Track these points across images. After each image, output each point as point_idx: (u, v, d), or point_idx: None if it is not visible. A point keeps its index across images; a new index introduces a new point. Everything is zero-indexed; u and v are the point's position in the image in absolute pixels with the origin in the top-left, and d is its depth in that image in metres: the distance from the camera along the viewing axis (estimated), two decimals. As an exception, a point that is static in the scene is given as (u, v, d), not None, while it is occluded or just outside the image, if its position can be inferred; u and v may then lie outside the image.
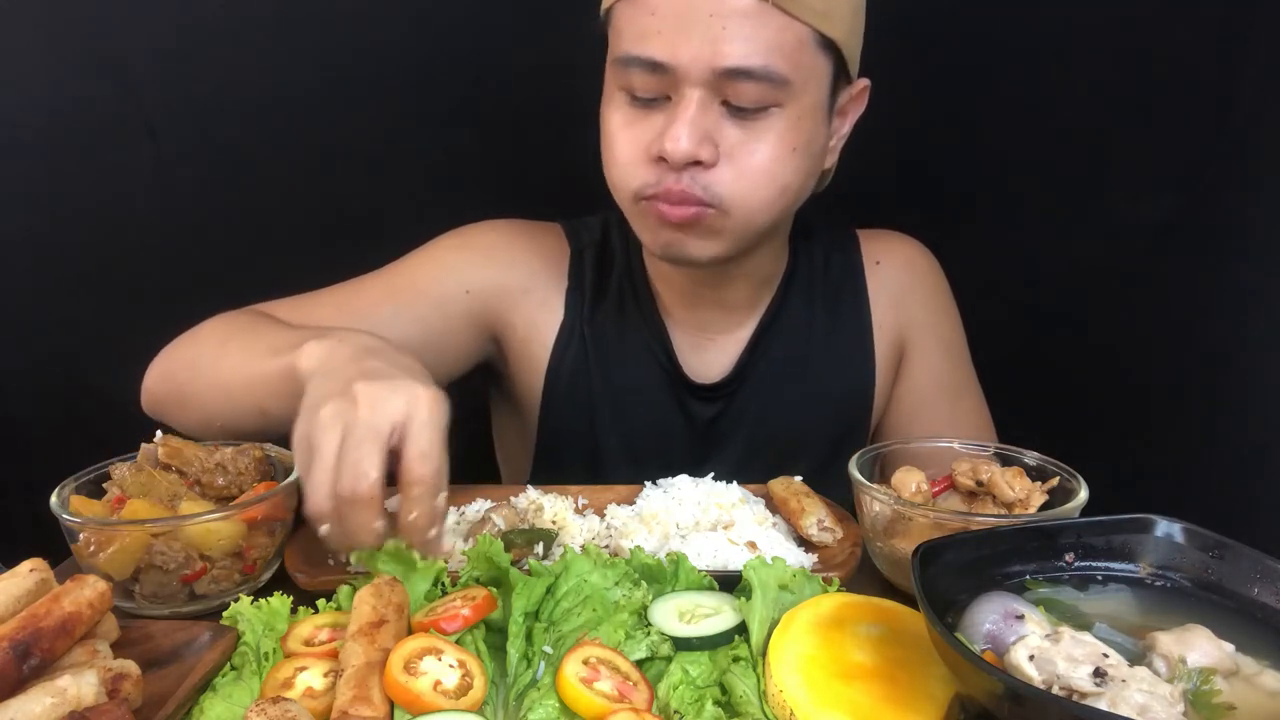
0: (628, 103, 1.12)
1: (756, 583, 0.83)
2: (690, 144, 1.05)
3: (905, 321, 1.40)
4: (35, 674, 0.69)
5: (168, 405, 1.18)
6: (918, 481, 0.99)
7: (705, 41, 1.03)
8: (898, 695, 0.71)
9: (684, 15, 1.03)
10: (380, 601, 0.78)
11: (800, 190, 1.16)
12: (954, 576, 0.71)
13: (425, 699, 0.69)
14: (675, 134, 1.05)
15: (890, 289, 1.39)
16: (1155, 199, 1.74)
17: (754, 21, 1.03)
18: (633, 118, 1.12)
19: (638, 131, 1.11)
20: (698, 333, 1.34)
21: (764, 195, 1.11)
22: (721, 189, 1.09)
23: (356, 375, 0.86)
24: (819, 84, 1.10)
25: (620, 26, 1.10)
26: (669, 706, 0.74)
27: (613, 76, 1.14)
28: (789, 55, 1.05)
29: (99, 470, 0.97)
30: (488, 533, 0.98)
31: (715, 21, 1.02)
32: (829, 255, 1.40)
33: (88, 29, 1.67)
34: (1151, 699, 0.59)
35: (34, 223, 1.75)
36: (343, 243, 1.53)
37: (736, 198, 1.09)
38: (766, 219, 1.14)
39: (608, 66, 1.15)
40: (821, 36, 1.07)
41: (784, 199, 1.14)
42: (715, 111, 1.07)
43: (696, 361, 1.34)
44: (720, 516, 1.03)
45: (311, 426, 0.83)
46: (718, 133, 1.07)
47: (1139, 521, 0.76)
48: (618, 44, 1.11)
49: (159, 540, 0.88)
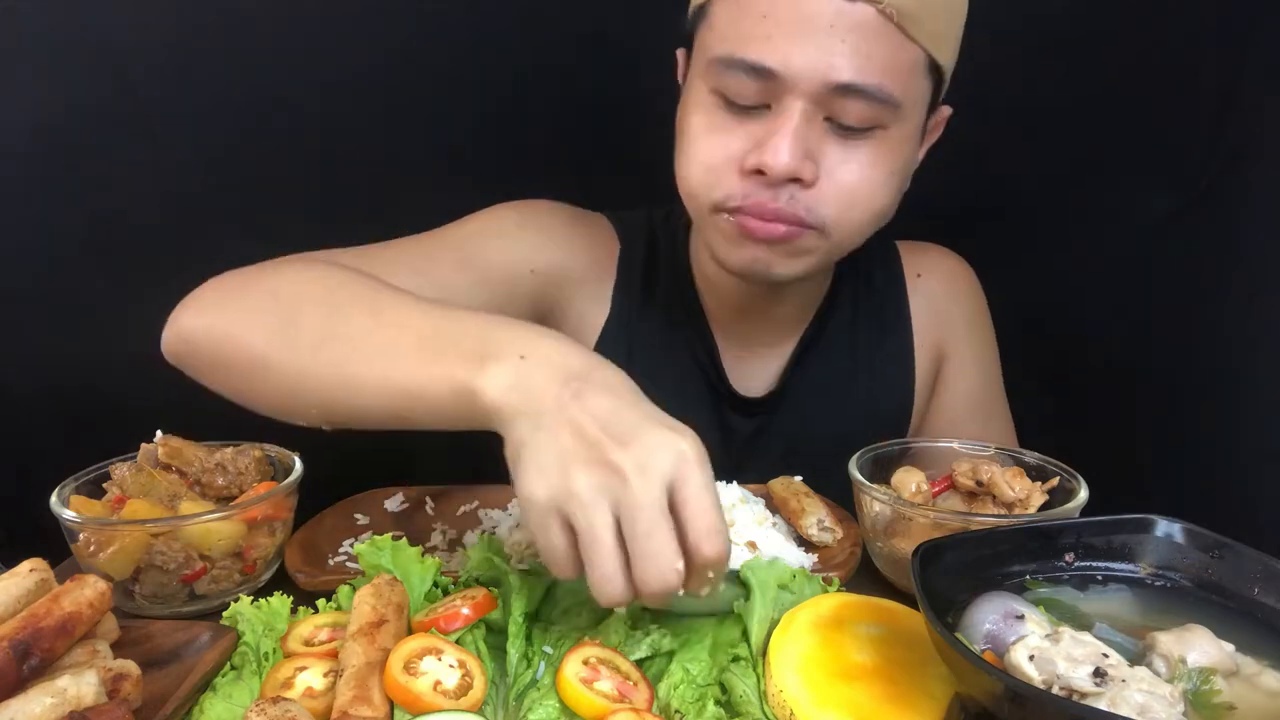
0: (718, 106, 1.05)
1: (756, 583, 0.83)
2: (793, 159, 0.99)
3: (945, 336, 1.37)
4: (35, 674, 0.69)
5: (223, 369, 0.96)
6: (918, 481, 1.00)
7: (821, 52, 0.97)
8: (898, 695, 0.71)
9: (801, 21, 0.97)
10: (380, 601, 0.78)
11: (890, 214, 1.12)
12: (954, 576, 0.71)
13: (425, 699, 0.69)
14: (777, 146, 0.99)
15: (932, 302, 1.37)
16: (1155, 198, 1.74)
17: (873, 38, 0.97)
18: (722, 123, 1.05)
19: (727, 139, 1.04)
20: (742, 345, 1.31)
21: (862, 218, 1.07)
22: (825, 211, 1.04)
23: (588, 423, 0.71)
24: (921, 108, 1.07)
25: (720, 25, 1.04)
26: (669, 706, 0.74)
27: (704, 77, 1.06)
28: (902, 76, 1.00)
29: (99, 470, 0.97)
30: None
31: (834, 33, 0.96)
32: (871, 269, 1.36)
33: (87, 28, 1.67)
34: (1151, 699, 0.59)
35: (34, 222, 1.75)
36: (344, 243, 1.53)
37: (837, 220, 1.05)
38: (858, 241, 1.11)
39: (697, 66, 1.09)
40: (931, 60, 1.03)
41: (877, 223, 1.10)
42: (818, 127, 1.02)
43: (740, 374, 1.31)
44: (720, 516, 1.03)
45: (566, 503, 0.69)
46: (819, 150, 1.02)
47: (1139, 521, 0.76)
48: (716, 43, 1.04)
49: (159, 540, 0.88)
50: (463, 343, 0.80)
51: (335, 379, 0.87)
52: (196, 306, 0.99)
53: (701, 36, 1.08)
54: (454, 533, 1.08)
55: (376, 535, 0.89)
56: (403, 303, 0.91)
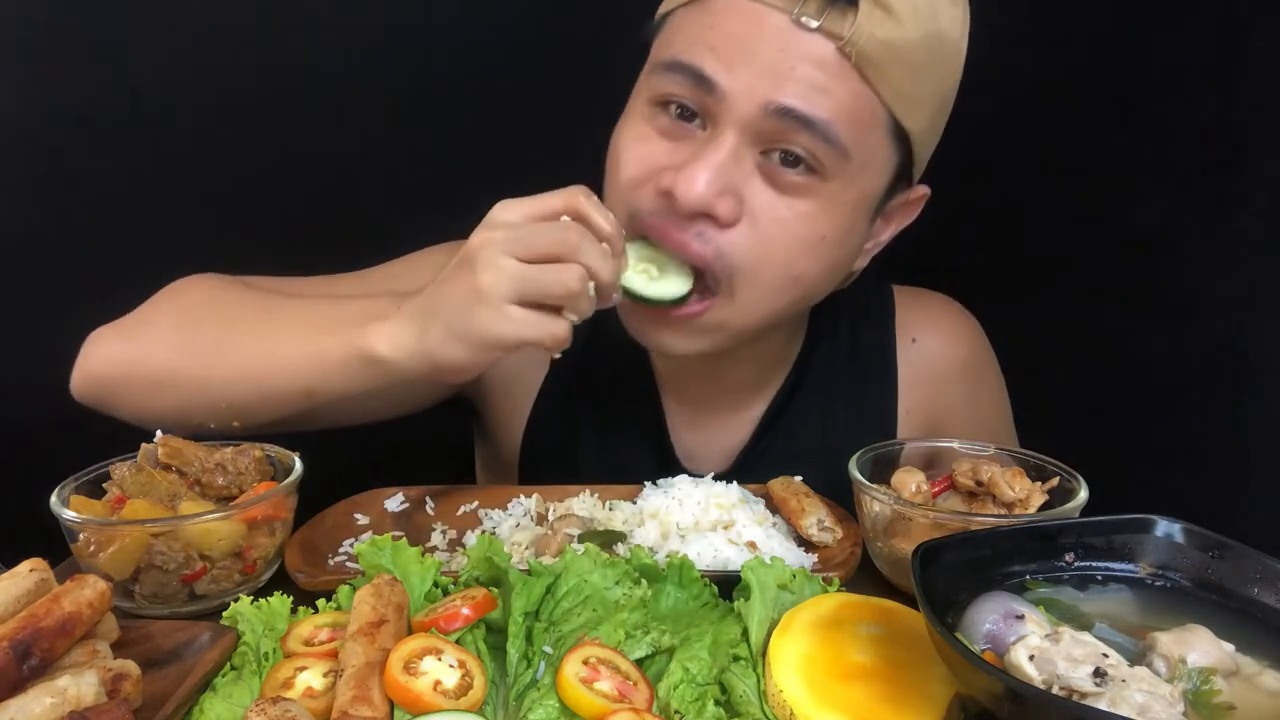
0: (652, 118, 0.97)
1: (756, 583, 0.83)
2: (708, 190, 0.90)
3: (940, 408, 1.22)
4: (35, 674, 0.69)
5: (126, 391, 1.04)
6: (918, 481, 0.99)
7: (765, 73, 0.89)
8: (898, 695, 0.71)
9: (751, 39, 0.89)
10: (380, 601, 0.78)
11: (813, 287, 1.01)
12: (954, 576, 0.71)
13: (425, 699, 0.69)
14: (693, 174, 0.90)
15: (926, 371, 1.21)
16: (1155, 199, 1.74)
17: (828, 74, 0.89)
18: (652, 137, 0.97)
19: (652, 151, 0.96)
20: (697, 412, 1.18)
21: (776, 278, 0.96)
22: (737, 257, 0.93)
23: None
24: (877, 175, 0.96)
25: (670, 32, 0.97)
26: (669, 706, 0.74)
27: (643, 87, 0.99)
28: (856, 126, 0.91)
29: (99, 470, 0.97)
30: (568, 530, 0.99)
31: (784, 57, 0.88)
32: (856, 325, 1.21)
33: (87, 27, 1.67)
34: (1151, 699, 0.59)
35: (33, 222, 1.75)
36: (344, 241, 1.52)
37: (748, 272, 0.94)
38: (764, 310, 0.99)
39: (640, 79, 1.01)
40: (897, 124, 0.93)
41: (794, 290, 0.99)
42: (749, 164, 0.92)
43: (693, 442, 1.18)
44: (720, 516, 1.03)
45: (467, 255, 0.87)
46: (745, 189, 0.92)
47: (1139, 521, 0.76)
48: (663, 49, 0.96)
49: (159, 540, 0.88)
50: (347, 318, 0.92)
51: (239, 372, 0.97)
52: (97, 342, 1.07)
53: (654, 47, 1.01)
54: (454, 533, 1.08)
55: (376, 535, 0.89)
56: (292, 302, 1.02)
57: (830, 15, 0.88)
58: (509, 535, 1.03)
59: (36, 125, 1.70)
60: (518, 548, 1.00)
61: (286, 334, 0.97)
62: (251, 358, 0.98)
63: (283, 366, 0.96)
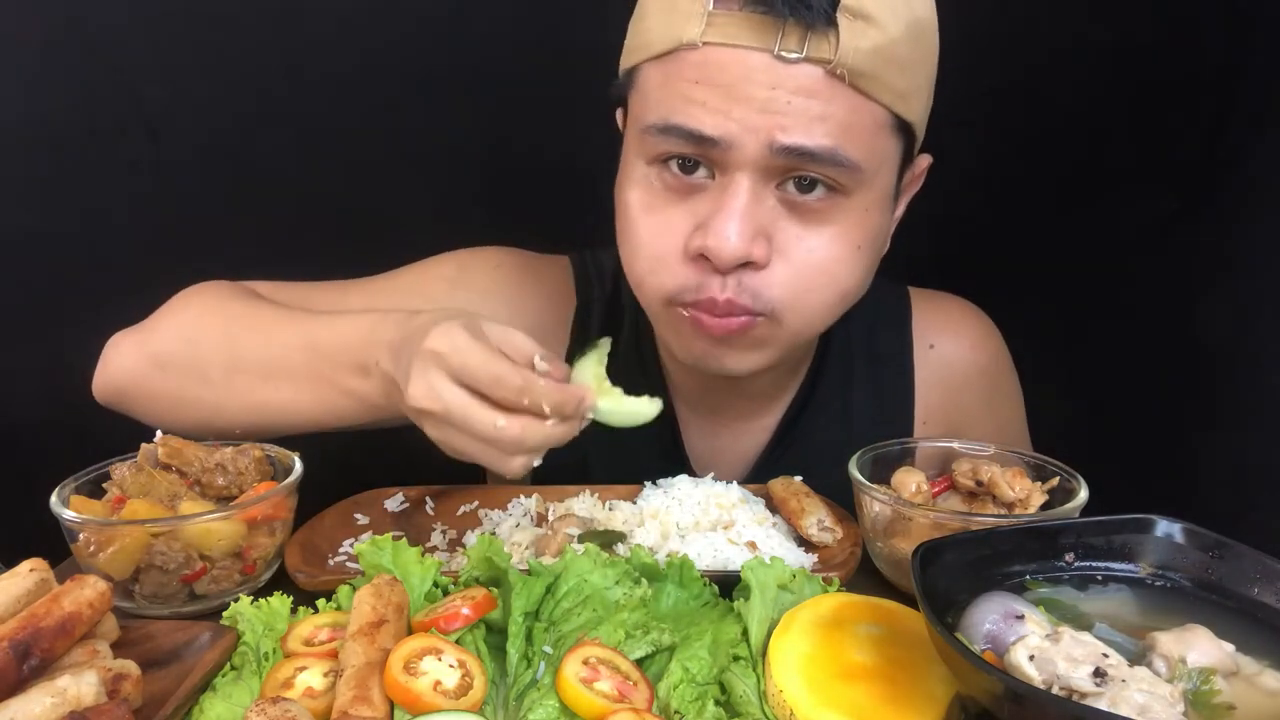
0: (656, 181, 0.94)
1: (755, 583, 0.83)
2: (742, 241, 0.88)
3: (957, 414, 1.21)
4: (35, 674, 0.69)
5: (146, 403, 1.08)
6: (918, 481, 0.99)
7: (762, 115, 0.86)
8: (898, 695, 0.71)
9: (735, 85, 0.86)
10: (380, 601, 0.78)
11: (859, 291, 1.00)
12: (954, 576, 0.71)
13: (425, 699, 0.69)
14: (722, 229, 0.88)
15: (943, 377, 1.20)
16: (1155, 199, 1.74)
17: (825, 100, 0.86)
18: (662, 200, 0.94)
19: (669, 220, 0.93)
20: (711, 418, 1.17)
21: (821, 301, 0.95)
22: (774, 295, 0.93)
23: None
24: (890, 170, 0.95)
25: (649, 90, 0.93)
26: (669, 706, 0.74)
27: (639, 148, 0.95)
28: (863, 138, 0.89)
29: (99, 470, 0.97)
30: (568, 530, 0.99)
31: (777, 95, 0.86)
32: (873, 328, 1.20)
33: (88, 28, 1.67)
34: (1151, 699, 0.59)
35: (33, 222, 1.75)
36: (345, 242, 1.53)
37: (791, 305, 0.94)
38: (821, 327, 1.00)
39: (630, 136, 0.97)
40: (897, 119, 0.92)
41: (842, 304, 0.99)
42: (769, 200, 0.91)
43: (706, 449, 1.17)
44: (720, 516, 1.03)
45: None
46: (772, 226, 0.91)
47: (1139, 521, 0.76)
48: (648, 109, 0.93)
49: (159, 540, 0.88)
50: (339, 358, 0.93)
51: (247, 407, 1.03)
52: (116, 349, 1.10)
53: (633, 104, 0.97)
54: (454, 533, 1.08)
55: (376, 535, 0.89)
56: (286, 320, 1.03)
57: (812, 41, 0.85)
58: (509, 535, 1.03)
59: (37, 127, 1.70)
60: (518, 548, 1.00)
61: (284, 368, 0.99)
62: (256, 392, 1.02)
63: (287, 407, 1.00)
